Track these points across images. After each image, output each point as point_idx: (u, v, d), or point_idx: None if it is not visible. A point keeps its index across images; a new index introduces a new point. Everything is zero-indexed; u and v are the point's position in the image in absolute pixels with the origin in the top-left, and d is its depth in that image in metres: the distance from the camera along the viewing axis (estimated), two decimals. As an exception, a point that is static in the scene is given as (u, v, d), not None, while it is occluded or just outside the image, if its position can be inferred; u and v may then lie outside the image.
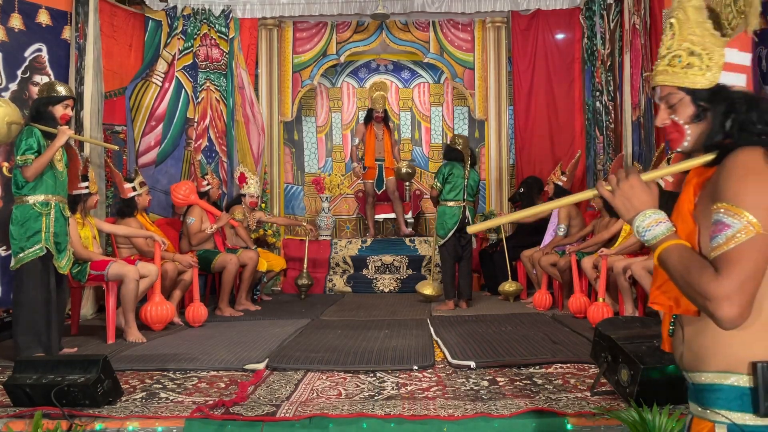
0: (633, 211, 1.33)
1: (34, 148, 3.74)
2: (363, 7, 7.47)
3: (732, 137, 1.27)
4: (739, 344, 1.19)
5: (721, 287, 1.13)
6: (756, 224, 1.14)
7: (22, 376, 2.88)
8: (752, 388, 1.17)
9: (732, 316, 1.12)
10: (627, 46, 6.29)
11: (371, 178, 7.73)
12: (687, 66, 1.32)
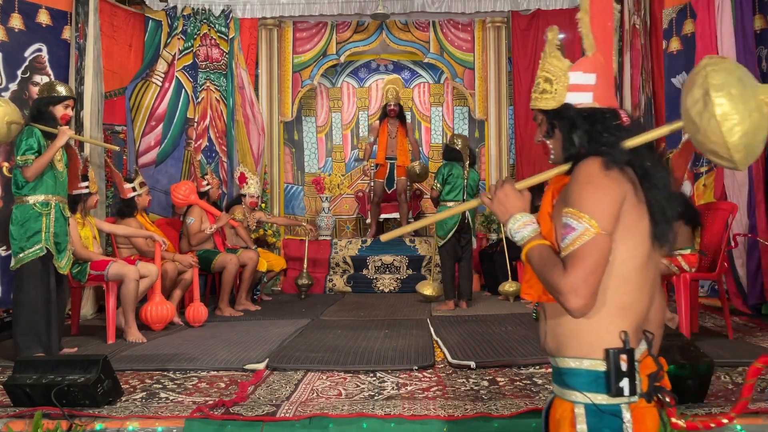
0: (507, 214, 1.47)
1: (34, 148, 3.74)
2: (363, 7, 7.47)
3: (585, 148, 1.43)
4: (592, 332, 1.34)
5: (568, 282, 1.28)
6: (595, 226, 1.29)
7: (22, 376, 2.88)
8: (605, 371, 1.31)
9: (578, 306, 1.28)
10: (627, 46, 6.29)
11: (381, 177, 7.62)
12: (542, 92, 1.58)
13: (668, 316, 4.15)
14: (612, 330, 1.32)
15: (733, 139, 1.25)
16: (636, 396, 1.32)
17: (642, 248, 1.36)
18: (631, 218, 1.34)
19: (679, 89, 5.76)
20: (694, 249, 4.29)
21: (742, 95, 1.25)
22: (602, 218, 1.31)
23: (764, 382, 3.10)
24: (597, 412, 1.33)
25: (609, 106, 1.47)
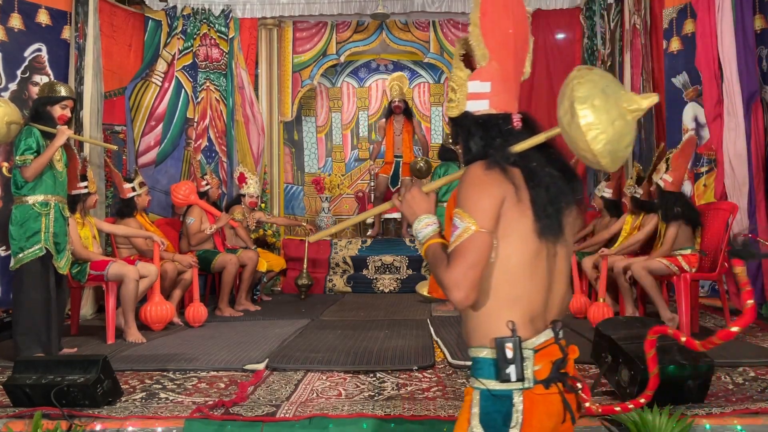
0: (414, 216, 1.55)
1: (33, 148, 3.74)
2: (363, 7, 7.47)
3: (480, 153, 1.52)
4: (487, 323, 1.44)
5: (450, 276, 1.38)
6: (474, 224, 1.38)
7: (22, 376, 2.88)
8: (494, 359, 1.41)
9: (459, 299, 1.37)
10: (627, 46, 6.29)
11: (387, 172, 7.64)
12: (449, 101, 1.61)
13: (668, 316, 4.15)
14: (503, 320, 1.41)
15: (598, 147, 1.34)
16: (528, 382, 1.40)
17: (527, 244, 1.43)
18: (512, 216, 1.42)
19: (680, 89, 5.76)
20: (695, 249, 4.29)
21: (605, 106, 1.34)
22: (481, 216, 1.39)
23: (764, 382, 3.10)
24: (490, 397, 1.42)
25: (505, 111, 1.54)
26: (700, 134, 5.57)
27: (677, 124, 5.78)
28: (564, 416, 1.44)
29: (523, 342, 1.41)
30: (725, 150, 5.08)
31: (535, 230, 1.42)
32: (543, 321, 1.47)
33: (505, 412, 1.41)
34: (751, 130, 4.96)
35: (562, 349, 1.46)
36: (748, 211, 4.92)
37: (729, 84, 5.02)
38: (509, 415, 1.40)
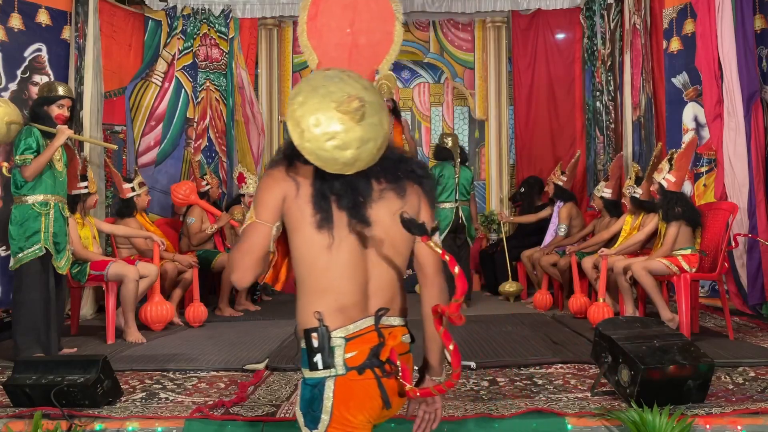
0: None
1: (33, 148, 3.74)
2: (363, 7, 7.46)
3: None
4: (300, 315, 1.52)
5: (230, 258, 1.55)
6: (252, 215, 1.52)
7: (22, 376, 2.88)
8: (306, 348, 1.48)
9: (235, 279, 1.52)
10: (627, 46, 6.29)
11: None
12: None
13: (668, 316, 4.15)
14: (312, 311, 1.49)
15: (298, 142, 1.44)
16: (339, 369, 1.47)
17: (313, 237, 1.48)
18: (294, 211, 1.50)
19: (680, 89, 5.76)
20: (695, 249, 4.29)
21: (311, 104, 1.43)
22: (259, 209, 1.51)
23: (764, 382, 3.10)
24: (306, 385, 1.50)
25: None
26: (700, 134, 5.57)
27: (677, 124, 5.77)
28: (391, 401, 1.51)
29: (333, 331, 1.47)
30: (725, 150, 5.08)
31: (313, 223, 1.48)
32: (360, 310, 1.51)
33: (317, 399, 1.47)
34: (751, 130, 4.96)
35: (380, 336, 1.52)
36: (748, 211, 4.92)
37: (729, 84, 5.02)
38: (320, 402, 1.47)
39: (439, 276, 1.65)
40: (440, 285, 1.66)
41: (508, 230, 7.23)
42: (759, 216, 4.90)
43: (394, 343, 1.56)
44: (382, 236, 1.53)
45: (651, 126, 5.87)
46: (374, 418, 1.54)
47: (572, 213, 5.88)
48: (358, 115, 1.41)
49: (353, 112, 1.40)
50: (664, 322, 3.94)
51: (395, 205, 1.54)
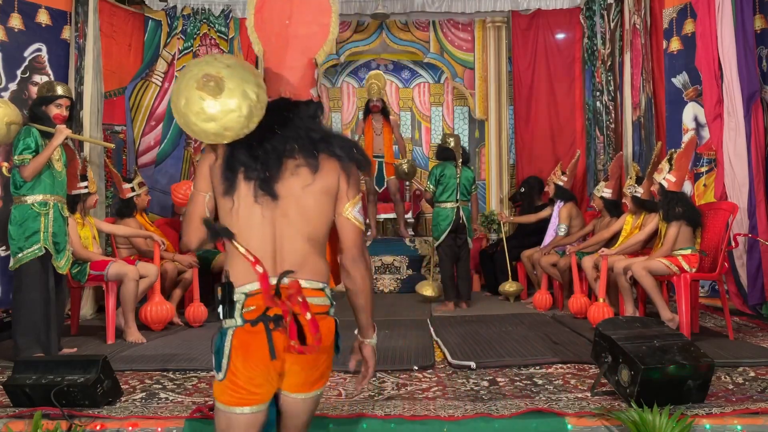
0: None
1: (31, 148, 3.74)
2: (363, 7, 7.46)
3: None
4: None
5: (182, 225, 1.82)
6: (193, 185, 1.76)
7: (22, 376, 2.88)
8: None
9: (183, 243, 1.80)
10: (627, 46, 6.29)
11: (370, 175, 7.57)
12: None
13: (668, 316, 4.15)
14: (227, 269, 1.71)
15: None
16: (238, 321, 1.64)
17: (225, 203, 1.69)
18: (214, 180, 1.71)
19: (680, 89, 5.76)
20: (695, 249, 4.29)
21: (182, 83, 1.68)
22: (195, 180, 1.77)
23: (764, 382, 3.10)
24: (218, 334, 1.70)
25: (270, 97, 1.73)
26: (700, 134, 5.57)
27: (677, 124, 5.77)
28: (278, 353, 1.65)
29: (238, 287, 1.66)
30: (725, 150, 5.08)
31: (221, 191, 1.69)
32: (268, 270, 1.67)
33: (222, 346, 1.66)
34: (751, 130, 4.96)
35: (277, 294, 1.65)
36: (748, 211, 4.92)
37: (729, 84, 5.02)
38: (223, 349, 1.66)
39: (355, 248, 1.77)
40: (353, 257, 1.78)
41: (508, 230, 7.23)
42: (759, 216, 4.90)
43: (294, 303, 1.66)
44: (293, 207, 1.69)
45: (651, 126, 5.88)
46: (265, 371, 1.66)
47: (572, 213, 5.88)
48: (215, 91, 1.61)
49: (209, 89, 1.61)
50: (664, 322, 3.94)
51: (308, 180, 1.69)
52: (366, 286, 1.84)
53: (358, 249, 1.78)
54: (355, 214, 1.75)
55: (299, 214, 1.69)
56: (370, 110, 7.40)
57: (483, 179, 8.20)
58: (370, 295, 1.86)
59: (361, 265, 1.79)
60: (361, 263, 1.79)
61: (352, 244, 1.77)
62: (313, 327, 1.67)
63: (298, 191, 1.69)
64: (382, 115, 7.41)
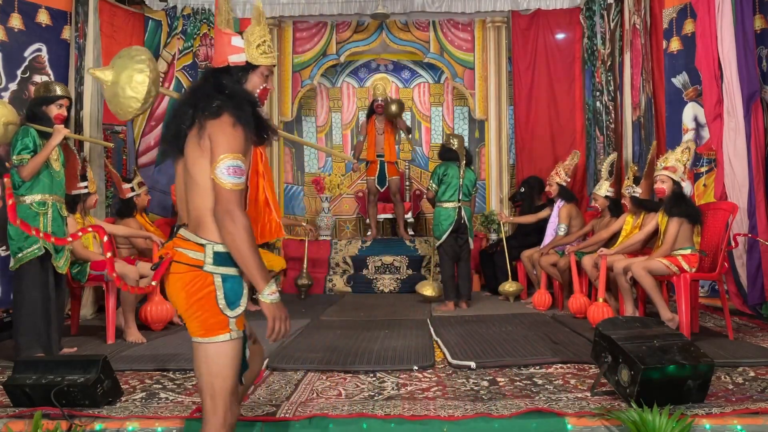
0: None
1: (30, 148, 3.74)
2: (363, 7, 7.46)
3: None
4: None
5: None
6: None
7: (22, 376, 2.88)
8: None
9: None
10: (627, 46, 6.29)
11: (372, 174, 7.51)
12: None
13: (668, 316, 4.15)
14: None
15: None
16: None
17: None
18: None
19: (680, 89, 5.76)
20: (695, 249, 4.29)
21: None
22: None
23: (764, 382, 3.10)
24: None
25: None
26: (700, 134, 5.58)
27: (677, 124, 5.78)
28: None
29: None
30: (725, 150, 5.08)
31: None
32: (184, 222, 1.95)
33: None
34: (751, 130, 4.96)
35: (169, 239, 1.96)
36: (748, 211, 4.92)
37: (729, 84, 5.02)
38: None
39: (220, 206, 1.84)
40: (219, 215, 1.84)
41: (507, 230, 7.23)
42: (759, 216, 4.90)
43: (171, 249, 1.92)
44: (189, 167, 1.90)
45: (651, 126, 5.88)
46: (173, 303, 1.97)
47: (572, 213, 5.89)
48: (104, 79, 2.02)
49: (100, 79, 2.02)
50: (664, 322, 3.94)
51: (194, 141, 1.89)
52: (235, 244, 1.83)
53: (222, 207, 1.83)
54: (218, 173, 1.82)
55: (192, 174, 1.89)
56: (373, 110, 7.44)
57: (483, 179, 8.20)
58: (245, 253, 1.83)
59: (227, 224, 1.83)
60: (227, 221, 1.83)
61: (218, 202, 1.84)
62: (157, 272, 1.88)
63: (190, 152, 1.90)
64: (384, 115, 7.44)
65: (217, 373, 1.91)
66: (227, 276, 1.90)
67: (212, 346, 1.90)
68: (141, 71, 2.09)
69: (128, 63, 2.05)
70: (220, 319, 1.89)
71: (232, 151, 1.84)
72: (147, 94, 2.08)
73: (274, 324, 1.94)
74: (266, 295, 1.89)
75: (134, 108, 2.11)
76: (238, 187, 1.84)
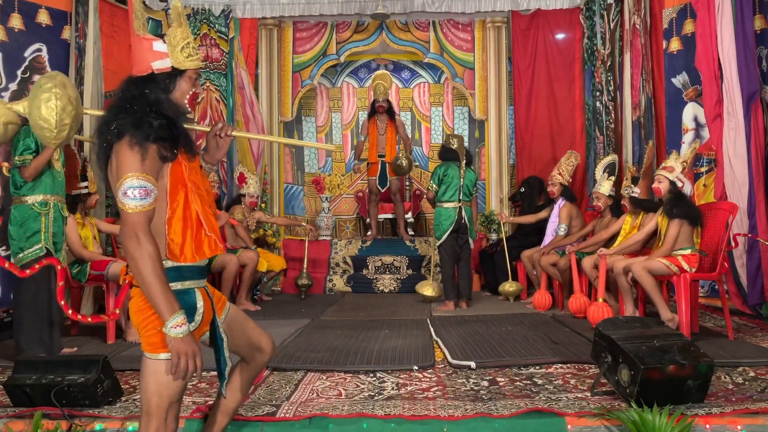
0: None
1: (32, 148, 3.74)
2: (363, 7, 7.47)
3: None
4: None
5: None
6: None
7: (22, 376, 2.88)
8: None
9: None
10: (627, 46, 6.29)
11: (374, 174, 7.51)
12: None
13: (668, 316, 4.15)
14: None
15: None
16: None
17: None
18: None
19: (680, 89, 5.76)
20: (695, 249, 4.29)
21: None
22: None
23: (764, 382, 3.10)
24: None
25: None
26: (700, 134, 5.58)
27: (677, 124, 5.78)
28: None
29: None
30: (725, 150, 5.08)
31: None
32: None
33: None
34: (751, 130, 4.96)
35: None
36: (748, 211, 4.92)
37: (729, 84, 5.02)
38: None
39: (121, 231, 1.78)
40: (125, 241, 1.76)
41: (507, 230, 7.24)
42: (759, 216, 4.90)
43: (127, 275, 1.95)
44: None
45: (651, 126, 5.88)
46: None
47: (572, 213, 5.89)
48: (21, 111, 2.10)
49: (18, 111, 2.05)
50: (664, 322, 3.94)
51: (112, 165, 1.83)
52: (138, 270, 1.73)
53: (127, 230, 1.75)
54: (120, 196, 1.75)
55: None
56: (375, 110, 7.41)
57: (483, 179, 8.21)
58: (148, 279, 1.73)
59: (131, 248, 1.74)
60: (131, 245, 1.74)
61: (123, 224, 1.76)
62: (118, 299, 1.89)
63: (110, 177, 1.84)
64: (387, 115, 7.42)
65: (155, 391, 1.83)
66: (175, 292, 1.82)
67: (152, 362, 1.84)
68: (47, 100, 2.01)
69: (36, 93, 1.96)
70: (162, 338, 1.80)
71: (132, 171, 1.75)
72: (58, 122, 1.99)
73: (179, 360, 1.76)
74: (170, 327, 1.75)
75: (49, 137, 2.02)
76: (144, 208, 1.75)
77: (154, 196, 1.78)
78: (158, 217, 1.84)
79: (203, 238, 1.92)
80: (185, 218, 1.88)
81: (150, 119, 1.80)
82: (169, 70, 1.96)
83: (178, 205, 1.87)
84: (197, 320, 1.91)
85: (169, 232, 1.86)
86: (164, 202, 1.85)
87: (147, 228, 1.76)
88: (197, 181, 1.95)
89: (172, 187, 1.87)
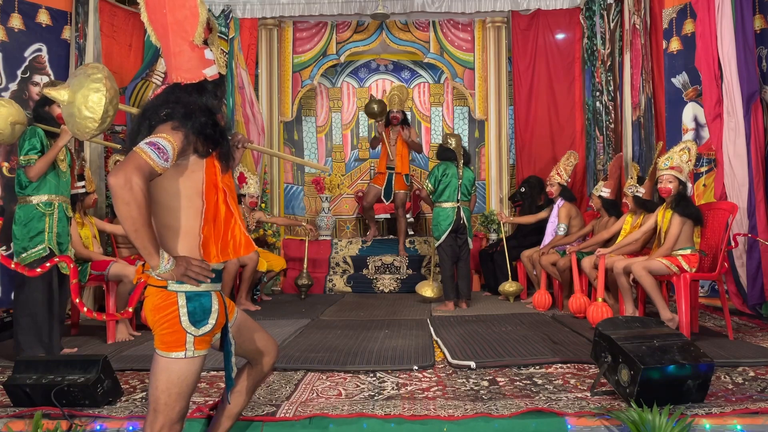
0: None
1: (37, 148, 3.74)
2: (363, 7, 7.47)
3: None
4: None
5: None
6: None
7: (22, 376, 2.88)
8: None
9: None
10: (627, 46, 6.29)
11: (380, 183, 7.46)
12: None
13: (668, 316, 4.15)
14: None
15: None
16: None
17: None
18: None
19: (680, 89, 5.76)
20: (695, 249, 4.29)
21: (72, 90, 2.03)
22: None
23: (764, 382, 3.10)
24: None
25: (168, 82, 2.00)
26: (700, 134, 5.58)
27: (677, 124, 5.78)
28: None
29: None
30: (725, 150, 5.09)
31: None
32: None
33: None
34: (751, 130, 4.96)
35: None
36: (748, 211, 4.92)
37: (729, 84, 5.03)
38: None
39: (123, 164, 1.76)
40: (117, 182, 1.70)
41: (507, 230, 7.23)
42: (759, 216, 4.90)
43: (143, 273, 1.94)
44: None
45: (651, 126, 5.88)
46: None
47: (572, 213, 5.89)
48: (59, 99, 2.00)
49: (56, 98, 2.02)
50: (664, 322, 3.94)
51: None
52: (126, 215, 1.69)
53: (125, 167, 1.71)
54: (140, 143, 1.76)
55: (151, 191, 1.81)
56: (390, 121, 7.39)
57: (483, 179, 8.21)
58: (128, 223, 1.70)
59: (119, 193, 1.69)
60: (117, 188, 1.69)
61: (122, 162, 1.76)
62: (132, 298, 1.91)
63: None
64: (401, 124, 7.40)
65: (165, 389, 1.86)
66: (192, 294, 1.88)
67: (164, 360, 1.87)
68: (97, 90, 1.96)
69: (84, 82, 1.96)
70: (177, 337, 1.85)
71: (165, 134, 1.79)
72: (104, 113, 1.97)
73: (188, 276, 1.82)
74: (163, 266, 1.78)
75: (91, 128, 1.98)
76: (153, 161, 1.74)
77: (166, 165, 1.78)
78: (192, 216, 1.88)
79: (229, 239, 1.96)
80: (213, 219, 1.92)
81: (202, 117, 1.86)
82: (218, 77, 2.00)
83: (210, 205, 1.91)
84: (211, 323, 1.92)
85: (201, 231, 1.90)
86: (199, 201, 1.89)
87: (144, 181, 1.72)
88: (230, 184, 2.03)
89: (207, 187, 1.91)
